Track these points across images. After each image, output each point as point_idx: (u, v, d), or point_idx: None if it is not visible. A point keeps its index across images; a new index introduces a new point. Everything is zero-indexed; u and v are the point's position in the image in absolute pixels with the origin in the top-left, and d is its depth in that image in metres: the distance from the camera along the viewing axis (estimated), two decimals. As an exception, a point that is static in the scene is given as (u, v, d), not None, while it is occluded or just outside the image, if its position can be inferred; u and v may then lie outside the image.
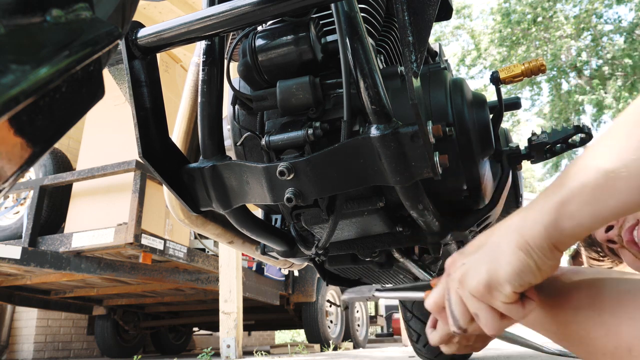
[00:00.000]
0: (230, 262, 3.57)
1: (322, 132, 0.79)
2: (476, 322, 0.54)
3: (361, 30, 0.70)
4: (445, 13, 1.12)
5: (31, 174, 3.85)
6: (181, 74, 4.08)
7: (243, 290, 3.78)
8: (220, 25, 0.69)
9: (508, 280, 0.49)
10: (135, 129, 0.77)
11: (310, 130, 0.77)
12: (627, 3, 14.22)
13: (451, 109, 0.85)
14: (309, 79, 0.79)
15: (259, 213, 1.13)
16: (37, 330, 5.10)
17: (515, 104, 1.18)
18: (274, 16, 0.67)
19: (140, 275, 3.62)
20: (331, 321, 5.23)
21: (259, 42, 0.81)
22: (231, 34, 0.95)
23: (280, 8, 0.65)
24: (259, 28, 0.88)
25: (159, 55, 0.88)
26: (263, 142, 0.80)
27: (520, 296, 0.51)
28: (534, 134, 1.15)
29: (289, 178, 0.74)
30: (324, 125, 0.80)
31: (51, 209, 3.64)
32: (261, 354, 3.67)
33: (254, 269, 4.30)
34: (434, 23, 0.71)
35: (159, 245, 3.33)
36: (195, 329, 6.44)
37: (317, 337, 4.76)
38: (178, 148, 0.86)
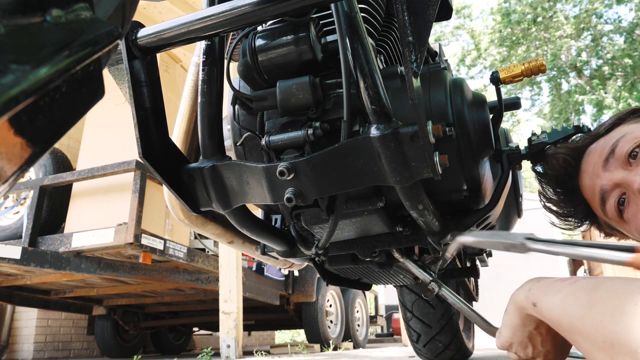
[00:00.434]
0: (230, 262, 3.57)
1: (322, 132, 0.78)
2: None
3: (361, 30, 0.69)
4: (445, 13, 1.12)
5: (31, 174, 3.84)
6: (181, 74, 4.08)
7: (243, 290, 3.78)
8: (220, 25, 0.69)
9: None
10: (135, 129, 0.77)
11: (310, 130, 0.77)
12: (627, 3, 14.22)
13: (451, 109, 0.85)
14: (309, 79, 0.79)
15: (259, 213, 1.13)
16: (37, 330, 5.10)
17: (515, 104, 1.18)
18: (274, 16, 0.67)
19: (140, 275, 3.62)
20: (331, 321, 5.23)
21: (259, 42, 0.81)
22: (231, 34, 0.95)
23: (280, 8, 0.65)
24: (259, 28, 0.88)
25: (159, 55, 0.88)
26: (263, 142, 0.79)
27: None
28: (534, 134, 1.15)
29: (289, 178, 0.73)
30: (324, 125, 0.80)
31: (51, 209, 3.64)
32: (261, 354, 3.66)
33: (254, 269, 4.30)
34: (434, 23, 0.71)
35: (159, 245, 3.33)
36: (195, 329, 6.44)
37: (317, 337, 4.76)
38: (178, 148, 0.86)
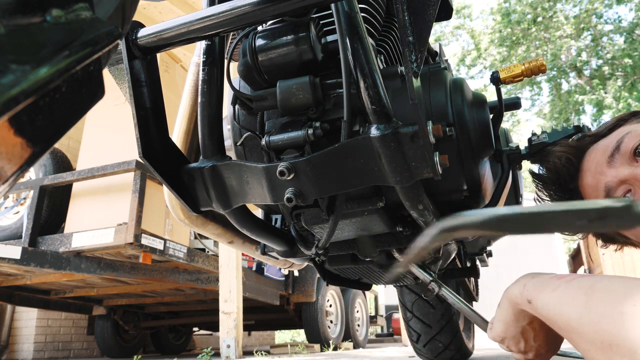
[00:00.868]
0: (230, 262, 3.57)
1: (322, 132, 0.78)
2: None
3: (361, 30, 0.69)
4: (445, 13, 1.12)
5: (31, 174, 3.85)
6: (181, 74, 4.08)
7: (243, 290, 3.78)
8: (220, 25, 0.69)
9: None
10: (135, 129, 0.77)
11: (310, 130, 0.77)
12: (627, 3, 14.22)
13: (451, 109, 0.85)
14: (309, 79, 0.79)
15: (259, 213, 1.13)
16: (37, 330, 5.10)
17: (515, 104, 1.18)
18: (274, 16, 0.67)
19: (140, 275, 3.62)
20: (331, 321, 5.23)
21: (259, 42, 0.81)
22: (231, 34, 0.95)
23: (280, 8, 0.65)
24: (259, 28, 0.88)
25: (159, 55, 0.88)
26: (263, 142, 0.79)
27: None
28: (534, 134, 1.15)
29: (289, 178, 0.73)
30: (324, 125, 0.79)
31: (51, 209, 3.64)
32: (261, 354, 3.66)
33: (254, 269, 4.30)
34: (434, 23, 0.71)
35: (159, 245, 3.33)
36: (195, 329, 6.44)
37: (317, 337, 4.76)
38: (178, 148, 0.86)
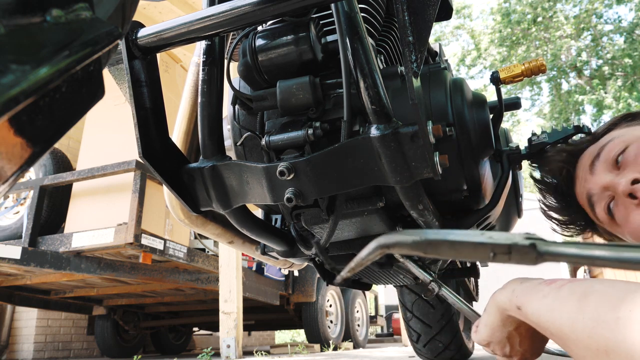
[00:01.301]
0: (230, 262, 3.57)
1: (322, 132, 0.78)
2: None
3: (361, 30, 0.69)
4: (445, 13, 1.12)
5: (31, 174, 3.85)
6: (181, 74, 4.08)
7: (243, 290, 3.78)
8: (220, 25, 0.69)
9: None
10: (135, 129, 0.77)
11: (310, 130, 0.77)
12: (627, 3, 14.22)
13: (451, 109, 0.85)
14: (309, 79, 0.79)
15: (259, 213, 1.13)
16: (37, 330, 5.10)
17: (515, 104, 1.18)
18: (274, 16, 0.67)
19: (140, 275, 3.62)
20: (331, 321, 5.23)
21: (259, 42, 0.81)
22: (231, 34, 0.95)
23: (280, 8, 0.65)
24: (259, 28, 0.88)
25: (159, 55, 0.88)
26: (263, 142, 0.79)
27: None
28: (534, 134, 1.15)
29: (289, 178, 0.73)
30: (324, 125, 0.79)
31: (51, 209, 3.64)
32: (261, 354, 3.66)
33: (254, 269, 4.30)
34: (434, 23, 0.71)
35: (159, 245, 3.33)
36: (195, 329, 6.44)
37: (317, 337, 4.76)
38: (178, 148, 0.86)
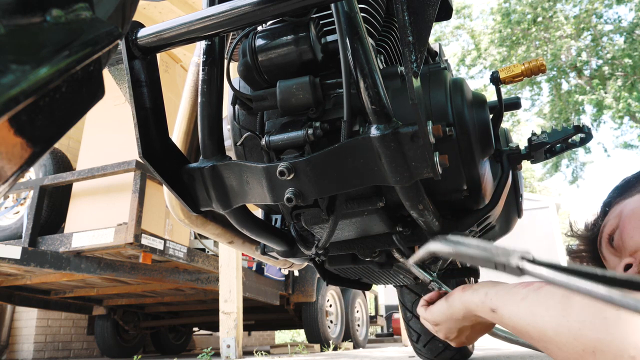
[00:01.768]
0: (230, 262, 3.57)
1: (322, 132, 0.78)
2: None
3: (361, 30, 0.69)
4: (445, 13, 1.12)
5: (31, 174, 3.85)
6: (181, 74, 4.08)
7: (243, 290, 3.78)
8: (220, 25, 0.69)
9: None
10: (135, 129, 0.77)
11: (310, 130, 0.77)
12: (627, 3, 14.21)
13: (451, 109, 0.85)
14: (309, 79, 0.79)
15: (259, 213, 1.13)
16: (37, 330, 5.10)
17: (515, 104, 1.18)
18: (274, 16, 0.67)
19: (140, 275, 3.62)
20: (331, 321, 5.23)
21: (259, 42, 0.81)
22: (231, 34, 0.95)
23: (280, 8, 0.65)
24: (259, 28, 0.88)
25: (159, 55, 0.88)
26: (263, 142, 0.79)
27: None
28: (534, 134, 1.15)
29: (289, 178, 0.73)
30: (324, 125, 0.79)
31: (51, 209, 3.64)
32: (261, 354, 3.66)
33: (254, 269, 4.30)
34: (434, 23, 0.71)
35: (159, 245, 3.33)
36: (195, 329, 6.44)
37: (317, 337, 4.76)
38: (178, 148, 0.86)
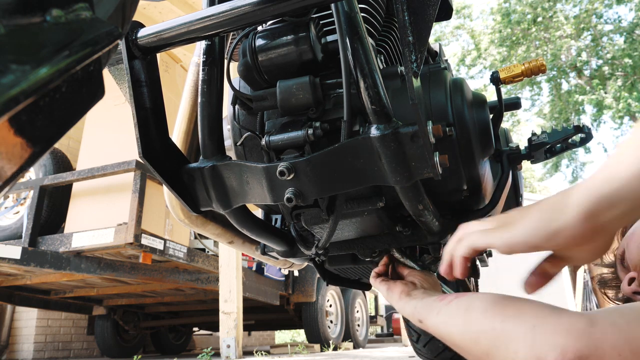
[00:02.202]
0: (230, 262, 3.57)
1: (322, 132, 0.78)
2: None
3: (361, 30, 0.69)
4: (445, 13, 1.12)
5: (31, 174, 3.85)
6: (181, 74, 4.08)
7: (243, 290, 3.78)
8: (220, 25, 0.69)
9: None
10: (135, 129, 0.77)
11: (310, 130, 0.77)
12: (627, 3, 14.22)
13: (451, 109, 0.85)
14: (309, 79, 0.79)
15: (259, 213, 1.13)
16: (37, 330, 5.10)
17: (515, 104, 1.18)
18: (274, 16, 0.67)
19: (140, 275, 3.62)
20: (331, 321, 5.23)
21: (259, 42, 0.81)
22: (231, 34, 0.95)
23: (280, 8, 0.65)
24: (259, 28, 0.88)
25: (159, 55, 0.88)
26: (263, 142, 0.79)
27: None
28: (534, 134, 1.15)
29: (289, 178, 0.73)
30: (324, 125, 0.79)
31: (51, 209, 3.64)
32: (261, 354, 3.66)
33: (254, 269, 4.30)
34: (434, 23, 0.71)
35: (159, 245, 3.33)
36: (195, 329, 6.44)
37: (317, 337, 4.76)
38: (178, 148, 0.86)
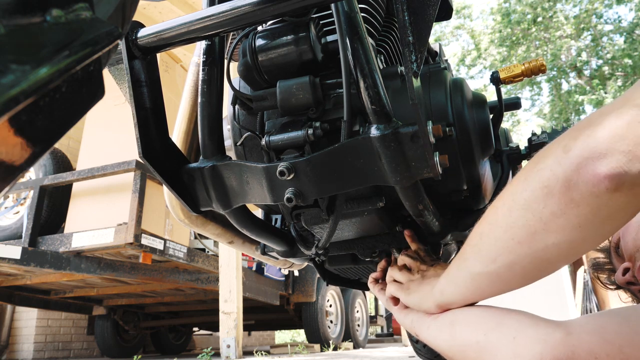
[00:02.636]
0: (230, 262, 3.57)
1: (322, 132, 0.78)
2: None
3: (361, 30, 0.69)
4: (445, 13, 1.12)
5: (31, 174, 3.85)
6: (181, 74, 4.08)
7: (243, 290, 3.78)
8: (220, 25, 0.69)
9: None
10: (135, 129, 0.77)
11: (310, 130, 0.77)
12: (627, 3, 14.22)
13: (451, 109, 0.85)
14: (309, 79, 0.79)
15: (259, 213, 1.13)
16: (37, 330, 5.10)
17: (515, 104, 1.18)
18: (274, 16, 0.67)
19: (140, 275, 3.62)
20: (331, 321, 5.23)
21: (259, 42, 0.81)
22: (231, 34, 0.95)
23: (280, 8, 0.65)
24: (259, 28, 0.88)
25: (159, 55, 0.88)
26: (263, 142, 0.79)
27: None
28: (534, 134, 1.15)
29: (289, 178, 0.73)
30: (324, 125, 0.79)
31: (51, 209, 3.64)
32: (261, 354, 3.66)
33: (254, 269, 4.30)
34: (434, 23, 0.71)
35: (159, 245, 3.33)
36: (195, 329, 6.44)
37: (317, 337, 4.76)
38: (178, 148, 0.86)
